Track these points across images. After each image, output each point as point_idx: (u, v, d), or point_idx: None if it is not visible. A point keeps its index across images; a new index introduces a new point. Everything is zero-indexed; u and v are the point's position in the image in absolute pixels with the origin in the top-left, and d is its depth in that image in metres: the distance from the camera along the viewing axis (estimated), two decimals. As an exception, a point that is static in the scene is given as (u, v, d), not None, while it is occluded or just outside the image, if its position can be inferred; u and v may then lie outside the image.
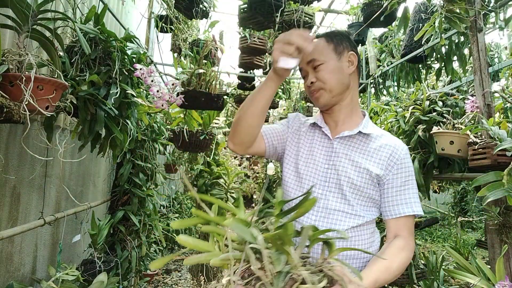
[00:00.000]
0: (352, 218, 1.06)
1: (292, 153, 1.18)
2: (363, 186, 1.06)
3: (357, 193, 1.07)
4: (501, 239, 1.56)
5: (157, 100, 1.74)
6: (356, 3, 3.75)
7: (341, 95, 1.11)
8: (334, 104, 1.12)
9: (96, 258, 1.96)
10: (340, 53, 1.11)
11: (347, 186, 1.07)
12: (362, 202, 1.08)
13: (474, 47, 1.80)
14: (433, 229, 7.54)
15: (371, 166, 1.06)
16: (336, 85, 1.09)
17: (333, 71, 1.08)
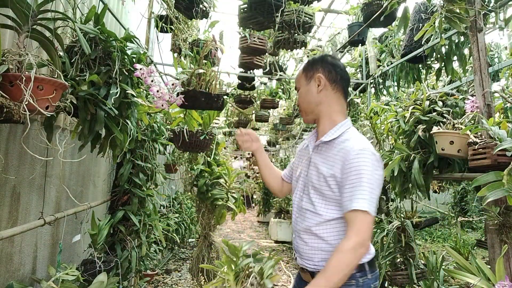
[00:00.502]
0: (315, 216, 1.26)
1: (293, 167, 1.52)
2: (321, 188, 1.24)
3: (318, 194, 1.26)
4: (501, 239, 1.56)
5: (157, 100, 1.74)
6: (356, 3, 3.75)
7: (313, 112, 1.34)
8: (315, 118, 1.36)
9: (96, 258, 1.96)
10: (310, 77, 1.34)
11: (312, 189, 1.28)
12: (323, 203, 1.25)
13: (474, 47, 1.80)
14: (433, 229, 7.54)
15: (326, 170, 1.23)
16: (307, 106, 1.35)
17: (303, 95, 1.35)
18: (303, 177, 1.36)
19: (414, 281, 2.56)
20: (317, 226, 1.25)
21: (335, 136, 1.27)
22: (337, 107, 1.34)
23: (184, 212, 4.98)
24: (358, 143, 1.22)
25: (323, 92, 1.32)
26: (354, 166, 1.16)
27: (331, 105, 1.33)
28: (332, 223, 1.24)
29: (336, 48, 4.88)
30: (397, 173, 2.17)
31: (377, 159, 1.21)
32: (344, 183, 1.18)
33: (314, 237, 1.26)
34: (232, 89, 5.45)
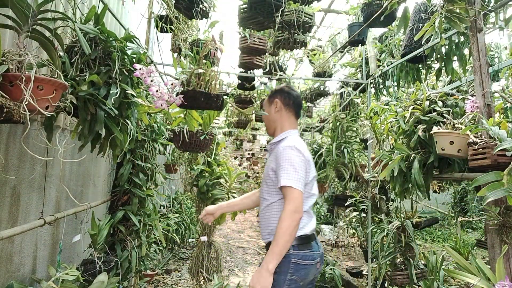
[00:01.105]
0: (263, 201, 1.73)
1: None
2: (267, 177, 1.71)
3: (264, 184, 1.74)
4: (501, 239, 1.56)
5: (157, 100, 1.74)
6: (356, 3, 3.74)
7: (271, 127, 1.85)
8: (273, 132, 1.85)
9: (96, 258, 1.96)
10: (271, 102, 1.85)
11: (263, 182, 1.76)
12: (265, 189, 1.72)
13: (474, 47, 1.80)
14: (433, 229, 7.54)
15: (271, 165, 1.69)
16: (267, 123, 1.88)
17: (267, 116, 1.87)
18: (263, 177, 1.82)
19: (414, 281, 2.56)
20: (266, 208, 1.71)
21: (279, 140, 1.76)
22: (287, 123, 1.82)
23: (184, 212, 4.98)
24: (288, 143, 1.67)
25: (279, 113, 1.82)
26: (282, 157, 1.61)
27: (283, 122, 1.82)
28: (276, 206, 1.67)
29: (336, 48, 4.88)
30: (397, 173, 2.17)
31: (300, 152, 1.64)
32: (277, 170, 1.62)
33: (264, 217, 1.72)
34: (232, 89, 5.45)
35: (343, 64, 4.88)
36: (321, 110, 7.35)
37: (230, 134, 9.37)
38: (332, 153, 3.96)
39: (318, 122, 6.78)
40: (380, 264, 2.71)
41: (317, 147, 4.61)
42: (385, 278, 2.78)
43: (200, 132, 2.72)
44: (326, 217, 6.94)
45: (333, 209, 6.37)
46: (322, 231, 6.33)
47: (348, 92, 4.57)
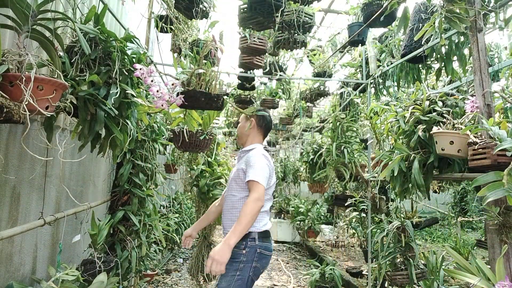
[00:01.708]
0: (230, 198, 2.03)
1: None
2: (235, 176, 2.03)
3: (232, 182, 2.05)
4: (501, 239, 1.56)
5: (157, 100, 1.74)
6: (356, 3, 3.74)
7: (244, 139, 2.21)
8: (243, 142, 2.22)
9: (96, 258, 1.96)
10: (247, 119, 2.22)
11: (232, 181, 2.05)
12: (234, 187, 2.02)
13: (474, 47, 1.80)
14: (433, 229, 7.54)
15: (241, 167, 2.00)
16: (240, 135, 2.24)
17: (241, 128, 2.23)
18: (230, 178, 2.12)
19: (414, 281, 2.55)
20: (233, 203, 1.99)
21: (249, 149, 2.09)
22: (257, 139, 2.20)
23: (184, 212, 4.98)
24: (258, 151, 2.04)
25: (252, 129, 2.19)
26: (252, 160, 1.95)
27: (254, 137, 2.20)
28: (242, 200, 1.97)
29: (336, 48, 4.88)
30: (397, 173, 2.17)
31: (267, 159, 2.01)
32: (247, 169, 1.94)
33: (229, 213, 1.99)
34: (232, 89, 5.44)
35: (343, 64, 4.87)
36: (321, 110, 7.35)
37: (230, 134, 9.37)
38: (332, 153, 3.96)
39: (318, 122, 6.78)
40: (380, 264, 2.71)
41: (317, 147, 4.61)
42: (385, 278, 2.78)
43: (200, 132, 2.73)
44: (326, 217, 6.93)
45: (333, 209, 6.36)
46: (322, 231, 6.33)
47: (348, 92, 4.57)
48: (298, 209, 6.42)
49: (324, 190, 4.92)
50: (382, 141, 3.06)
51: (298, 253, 6.28)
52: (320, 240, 6.62)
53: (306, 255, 6.11)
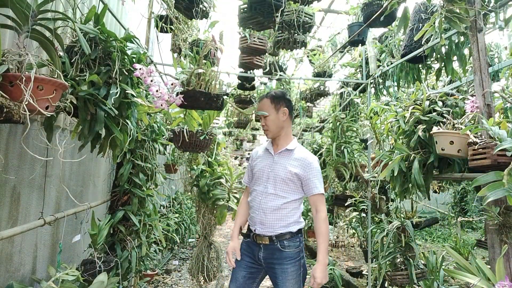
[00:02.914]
0: (279, 199, 1.94)
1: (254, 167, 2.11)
2: (287, 179, 1.93)
3: (283, 183, 1.94)
4: (501, 239, 1.56)
5: (157, 100, 1.74)
6: (356, 3, 3.74)
7: (278, 132, 2.02)
8: (276, 136, 2.03)
9: (96, 258, 1.96)
10: (278, 109, 2.00)
11: (278, 180, 1.95)
12: (285, 188, 1.94)
13: (474, 47, 1.80)
14: (433, 229, 7.54)
15: (292, 168, 1.94)
16: (275, 129, 2.01)
17: (273, 121, 2.00)
18: (267, 172, 1.99)
19: (414, 281, 2.56)
20: (282, 205, 1.92)
21: (293, 148, 2.00)
22: (290, 129, 2.09)
23: (184, 212, 4.98)
24: (312, 155, 2.01)
25: (286, 121, 2.02)
26: (314, 169, 1.95)
27: (288, 129, 2.06)
28: (291, 203, 1.95)
29: (336, 48, 4.87)
30: (397, 173, 2.17)
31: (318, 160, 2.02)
32: (307, 177, 1.93)
33: (278, 213, 1.92)
34: (232, 89, 5.44)
35: (343, 64, 4.87)
36: (321, 110, 7.35)
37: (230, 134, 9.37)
38: (332, 153, 3.95)
39: (318, 122, 6.78)
40: (380, 264, 2.71)
41: (317, 147, 4.61)
42: (385, 278, 2.78)
43: (200, 132, 2.72)
44: (326, 217, 6.93)
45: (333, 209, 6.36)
46: (322, 231, 6.32)
47: (348, 92, 4.57)
48: (298, 209, 6.42)
49: (324, 190, 4.91)
50: (382, 141, 3.06)
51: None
52: (320, 240, 6.62)
53: (306, 255, 6.11)
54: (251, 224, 2.03)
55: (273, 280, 1.95)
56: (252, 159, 2.16)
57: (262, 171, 2.02)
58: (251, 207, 2.03)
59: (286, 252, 1.91)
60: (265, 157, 2.07)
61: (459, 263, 1.66)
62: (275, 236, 1.91)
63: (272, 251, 1.92)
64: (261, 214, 1.94)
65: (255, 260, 1.98)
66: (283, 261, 1.90)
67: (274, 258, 1.92)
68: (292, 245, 1.93)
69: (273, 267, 1.92)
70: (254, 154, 2.18)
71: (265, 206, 1.93)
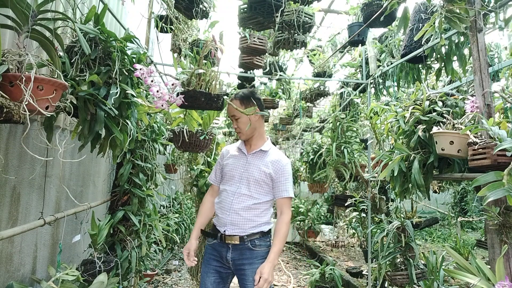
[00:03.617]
0: (251, 199, 1.92)
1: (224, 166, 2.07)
2: (261, 180, 1.93)
3: (256, 185, 1.93)
4: (501, 239, 1.56)
5: (157, 100, 1.74)
6: (356, 3, 3.74)
7: (252, 133, 2.00)
8: (249, 137, 2.01)
9: (96, 258, 1.96)
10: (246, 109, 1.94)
11: (252, 181, 1.93)
12: (258, 190, 1.93)
13: (474, 47, 1.80)
14: (433, 229, 7.54)
15: (266, 169, 1.94)
16: (247, 131, 1.97)
17: (245, 123, 1.96)
18: (240, 173, 1.97)
19: (414, 281, 2.55)
20: (254, 205, 1.91)
21: (267, 149, 2.00)
22: (263, 129, 2.07)
23: (184, 212, 4.98)
24: (284, 157, 2.01)
25: (258, 121, 2.00)
26: (285, 170, 1.96)
27: (261, 130, 2.05)
28: (263, 204, 1.94)
29: (336, 48, 4.87)
30: (397, 173, 2.17)
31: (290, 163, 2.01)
32: (279, 179, 1.94)
33: (250, 213, 1.90)
34: (232, 89, 5.44)
35: (343, 64, 4.87)
36: (321, 110, 7.35)
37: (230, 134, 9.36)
38: (332, 153, 3.95)
39: (318, 122, 6.78)
40: (380, 264, 2.70)
41: (317, 147, 4.61)
42: (385, 278, 2.77)
43: (200, 132, 2.73)
44: (326, 217, 6.93)
45: (333, 209, 6.37)
46: (322, 231, 6.33)
47: (348, 92, 4.57)
48: (298, 209, 6.42)
49: (324, 190, 4.92)
50: (382, 141, 3.06)
51: (298, 253, 6.27)
52: (320, 240, 6.62)
53: (306, 255, 6.11)
54: (218, 225, 1.96)
55: (242, 283, 1.89)
56: (223, 158, 2.11)
57: (235, 171, 1.98)
58: (220, 208, 1.97)
59: (257, 251, 1.87)
60: (238, 157, 2.03)
61: (459, 263, 1.66)
62: (246, 235, 1.87)
63: (241, 251, 1.87)
64: (232, 214, 1.89)
65: (222, 263, 1.92)
66: (254, 261, 1.85)
67: (244, 259, 1.87)
68: (263, 244, 1.91)
69: (243, 268, 1.86)
70: (225, 152, 2.12)
71: (237, 207, 1.89)
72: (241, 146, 2.06)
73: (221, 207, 1.96)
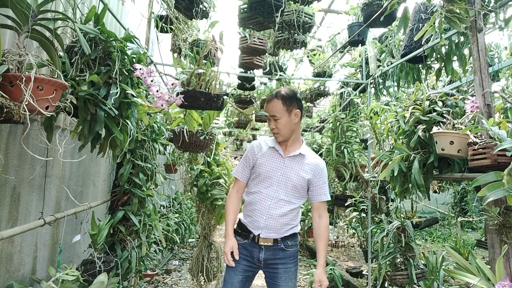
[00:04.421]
0: (289, 205, 1.90)
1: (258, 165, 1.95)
2: (299, 185, 1.90)
3: (294, 190, 1.90)
4: (501, 239, 1.56)
5: (157, 100, 1.74)
6: (356, 3, 3.74)
7: (290, 135, 1.92)
8: (287, 139, 1.93)
9: (96, 258, 1.96)
10: (290, 111, 1.88)
11: (290, 186, 1.89)
12: (296, 195, 1.92)
13: (474, 47, 1.80)
14: (433, 229, 7.54)
15: (305, 174, 1.90)
16: (287, 132, 1.89)
17: (285, 124, 1.87)
18: (278, 176, 1.90)
19: (414, 281, 2.55)
20: (291, 210, 1.89)
21: (305, 153, 1.94)
22: (300, 131, 2.01)
23: (184, 212, 4.98)
24: (320, 160, 1.98)
25: (297, 123, 1.94)
26: (324, 175, 1.95)
27: (299, 130, 1.98)
28: (298, 208, 1.95)
29: (336, 48, 4.87)
30: (397, 173, 2.17)
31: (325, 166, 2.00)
32: (317, 183, 1.92)
33: (286, 217, 1.89)
34: (232, 89, 5.44)
35: (343, 64, 4.87)
36: (321, 110, 7.35)
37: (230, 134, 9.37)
38: (332, 153, 3.96)
39: (318, 122, 6.78)
40: (380, 264, 2.71)
41: (317, 147, 4.61)
42: (385, 278, 2.77)
43: (200, 132, 2.73)
44: (326, 217, 6.93)
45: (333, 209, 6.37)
46: (322, 231, 6.32)
47: (348, 92, 4.57)
48: (298, 209, 6.42)
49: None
50: (382, 141, 3.06)
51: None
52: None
53: (306, 255, 6.11)
54: (251, 227, 1.91)
55: (272, 279, 1.91)
56: (254, 153, 1.97)
57: (272, 173, 1.89)
58: (255, 210, 1.89)
59: (289, 251, 1.92)
60: (273, 158, 1.93)
61: (459, 263, 1.66)
62: (280, 238, 1.89)
63: (274, 251, 1.89)
64: (269, 219, 1.86)
65: (253, 262, 1.91)
66: (287, 261, 1.90)
67: (277, 259, 1.90)
68: (294, 244, 1.95)
69: (276, 267, 1.89)
70: (257, 148, 1.98)
71: (275, 212, 1.85)
72: (276, 146, 1.94)
73: (256, 209, 1.89)
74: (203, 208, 3.53)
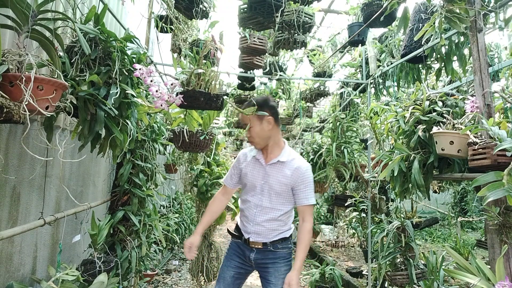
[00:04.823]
0: (274, 211, 1.92)
1: (244, 175, 2.02)
2: (282, 191, 1.91)
3: (278, 197, 1.92)
4: (501, 239, 1.56)
5: (157, 100, 1.74)
6: (356, 3, 3.74)
7: (265, 142, 1.92)
8: (263, 146, 1.94)
9: (96, 258, 1.96)
10: (261, 119, 1.89)
11: (273, 193, 1.92)
12: (281, 201, 1.93)
13: (474, 47, 1.80)
14: (433, 229, 7.54)
15: (285, 180, 1.89)
16: (260, 140, 1.92)
17: (258, 132, 1.90)
18: (261, 184, 1.94)
19: (414, 281, 2.55)
20: (277, 217, 1.92)
21: (290, 159, 1.92)
22: (279, 136, 1.98)
23: (184, 212, 4.98)
24: (304, 163, 1.93)
25: (272, 129, 1.91)
26: (307, 178, 1.90)
27: (278, 137, 1.97)
28: (286, 213, 1.95)
29: (336, 48, 4.88)
30: (397, 173, 2.17)
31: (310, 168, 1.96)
32: (299, 187, 1.89)
33: (273, 224, 1.92)
34: (232, 89, 5.44)
35: (343, 64, 4.87)
36: (321, 110, 7.35)
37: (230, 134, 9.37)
38: (332, 153, 3.95)
39: (318, 122, 6.78)
40: (380, 264, 2.70)
41: (317, 147, 4.60)
42: (385, 278, 2.77)
43: (200, 132, 2.73)
44: (326, 217, 6.94)
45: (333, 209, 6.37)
46: (322, 231, 6.32)
47: (348, 92, 4.57)
48: (298, 209, 6.41)
49: (324, 190, 4.91)
50: (382, 141, 3.06)
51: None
52: (320, 240, 6.62)
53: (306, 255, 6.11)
54: (243, 231, 2.00)
55: (264, 278, 1.97)
56: (239, 163, 2.05)
57: (255, 182, 1.96)
58: (245, 216, 1.99)
59: (279, 252, 1.95)
60: (255, 167, 1.98)
61: (459, 263, 1.66)
62: (269, 242, 1.94)
63: (264, 253, 1.95)
64: (255, 226, 1.93)
65: (245, 261, 1.99)
66: (276, 261, 1.94)
67: (267, 259, 1.94)
68: (285, 247, 1.98)
69: (266, 267, 1.94)
70: (242, 157, 2.06)
71: (260, 219, 1.92)
72: (258, 155, 1.98)
73: (245, 216, 1.99)
74: (203, 208, 3.53)
